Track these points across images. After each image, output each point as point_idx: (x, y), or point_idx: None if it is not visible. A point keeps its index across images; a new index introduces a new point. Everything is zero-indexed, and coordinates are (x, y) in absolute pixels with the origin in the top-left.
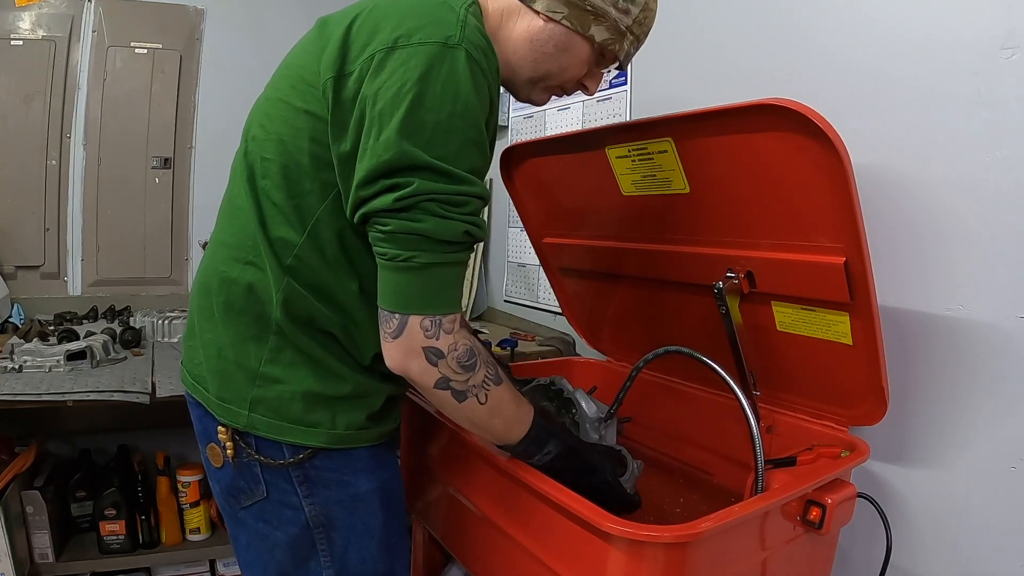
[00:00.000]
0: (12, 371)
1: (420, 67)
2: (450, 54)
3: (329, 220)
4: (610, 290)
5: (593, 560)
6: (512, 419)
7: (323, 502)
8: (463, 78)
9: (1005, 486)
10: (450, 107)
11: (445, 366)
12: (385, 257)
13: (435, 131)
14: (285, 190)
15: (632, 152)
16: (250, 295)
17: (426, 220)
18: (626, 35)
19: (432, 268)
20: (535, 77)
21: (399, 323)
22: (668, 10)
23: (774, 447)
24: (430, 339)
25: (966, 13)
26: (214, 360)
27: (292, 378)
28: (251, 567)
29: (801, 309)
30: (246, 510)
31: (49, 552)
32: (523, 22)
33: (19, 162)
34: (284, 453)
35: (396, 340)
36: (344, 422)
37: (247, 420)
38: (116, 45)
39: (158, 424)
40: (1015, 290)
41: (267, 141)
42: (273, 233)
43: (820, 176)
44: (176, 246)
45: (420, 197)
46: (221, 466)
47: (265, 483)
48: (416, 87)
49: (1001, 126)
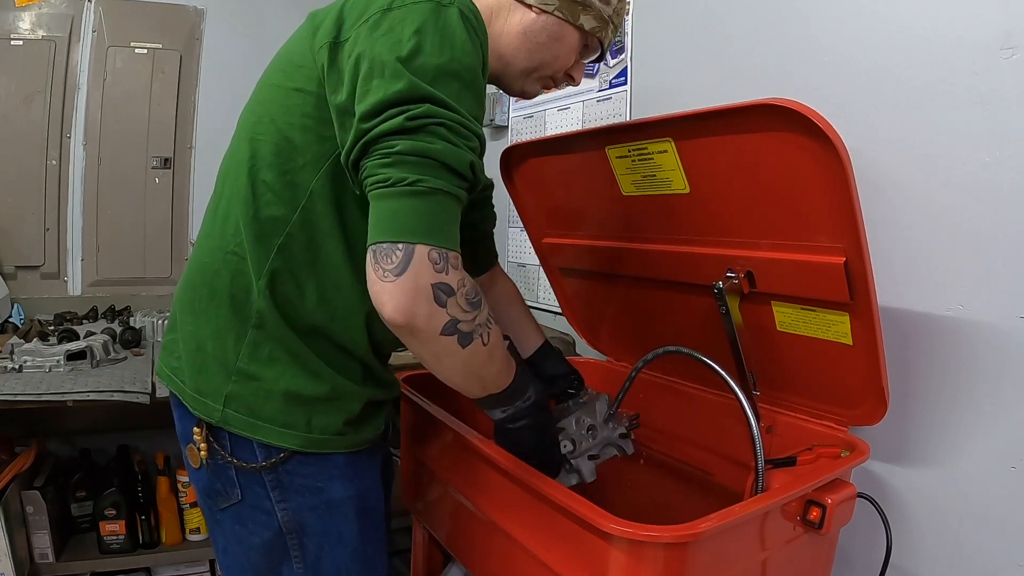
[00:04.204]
0: (12, 371)
1: (416, 22)
2: (444, 11)
3: (324, 192)
4: (610, 290)
5: (593, 560)
6: (504, 361)
7: (296, 508)
8: (458, 30)
9: (1005, 486)
10: (449, 54)
11: (454, 305)
12: (387, 183)
13: (437, 73)
14: (277, 168)
15: (632, 152)
16: (232, 285)
17: (437, 143)
18: (608, 24)
19: (441, 195)
20: (530, 67)
21: (404, 254)
22: (668, 10)
23: (774, 447)
24: (439, 273)
25: (966, 13)
26: (193, 353)
27: (268, 376)
28: (229, 569)
29: (801, 309)
30: (223, 512)
31: (49, 552)
32: (515, 16)
33: (19, 162)
34: (257, 456)
35: (401, 277)
36: (320, 425)
37: (221, 415)
38: (116, 45)
39: (158, 424)
40: (1015, 290)
41: (259, 124)
42: (264, 213)
43: (820, 176)
44: (176, 246)
45: (431, 120)
46: (199, 467)
47: (240, 486)
48: (415, 37)
49: (1001, 126)
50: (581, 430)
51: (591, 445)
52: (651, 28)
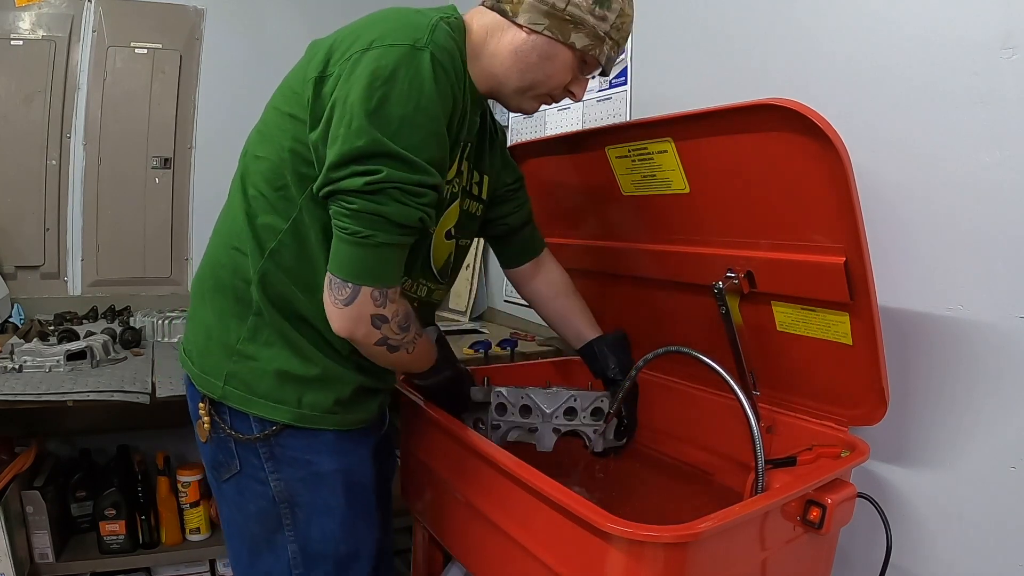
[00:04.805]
0: (12, 371)
1: (390, 66)
2: (417, 55)
3: (310, 210)
4: (610, 290)
5: (592, 560)
6: (425, 357)
7: (287, 479)
8: (427, 77)
9: (1005, 486)
10: (415, 102)
11: (388, 328)
12: (346, 231)
13: (401, 123)
14: (270, 182)
15: (632, 152)
16: (234, 276)
17: (389, 204)
18: (605, 40)
19: (385, 248)
20: (522, 87)
21: (352, 292)
22: (668, 10)
23: (774, 447)
24: (378, 307)
25: (966, 13)
26: (201, 336)
27: (265, 356)
28: (231, 538)
29: (801, 309)
30: (226, 483)
31: (49, 552)
32: (507, 36)
33: (19, 162)
34: (253, 428)
35: (348, 307)
36: (310, 402)
37: (222, 391)
38: (116, 45)
39: (158, 424)
40: (1015, 290)
41: (260, 142)
42: (260, 220)
43: (820, 176)
44: (176, 246)
45: (387, 184)
46: (205, 441)
47: (239, 458)
48: (385, 84)
49: (1001, 126)
50: (560, 408)
51: (561, 423)
52: (651, 28)
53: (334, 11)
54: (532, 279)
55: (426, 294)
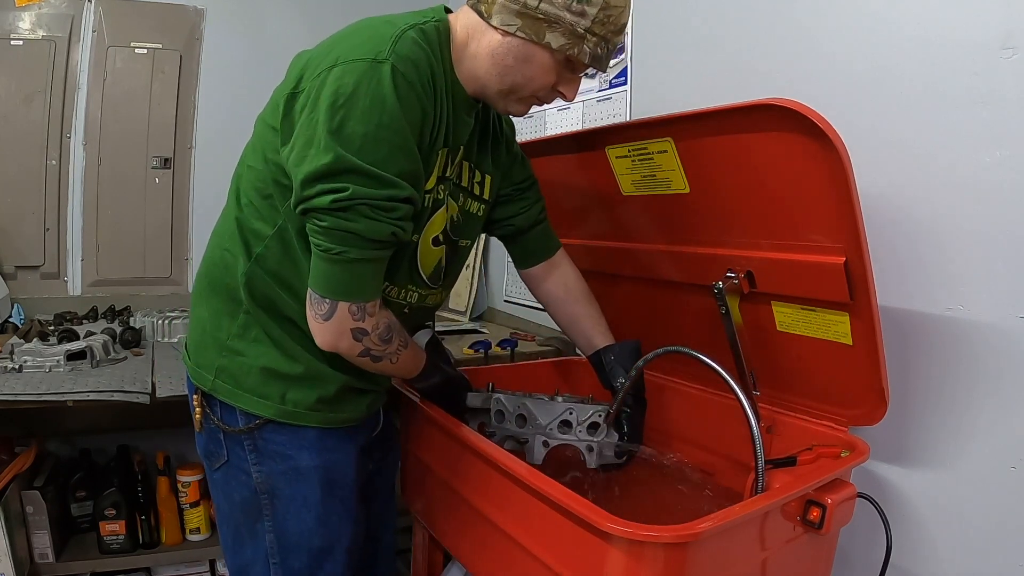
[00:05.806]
0: (12, 371)
1: (351, 83)
2: (377, 69)
3: (293, 219)
4: (610, 290)
5: (592, 560)
6: (410, 365)
7: (268, 471)
8: (387, 91)
9: (1005, 486)
10: (377, 118)
11: (369, 341)
12: (320, 248)
13: (364, 140)
14: (259, 191)
15: (632, 152)
16: (225, 276)
17: (359, 221)
18: (585, 37)
19: (359, 263)
20: (503, 89)
21: (330, 308)
22: (668, 10)
23: (774, 447)
24: (357, 321)
25: (966, 13)
26: (196, 331)
27: (252, 353)
28: (222, 525)
29: (801, 309)
30: (217, 472)
31: (49, 552)
32: (485, 38)
33: (19, 162)
34: (239, 421)
35: (328, 322)
36: (293, 399)
37: (212, 384)
38: (116, 45)
39: (158, 424)
40: (1015, 290)
41: (251, 152)
42: (249, 225)
43: (820, 176)
44: (176, 246)
45: (355, 200)
46: (199, 431)
47: (227, 448)
48: (347, 102)
49: (1001, 126)
50: (555, 420)
51: (554, 435)
52: (651, 28)
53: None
54: (544, 281)
55: (417, 300)
